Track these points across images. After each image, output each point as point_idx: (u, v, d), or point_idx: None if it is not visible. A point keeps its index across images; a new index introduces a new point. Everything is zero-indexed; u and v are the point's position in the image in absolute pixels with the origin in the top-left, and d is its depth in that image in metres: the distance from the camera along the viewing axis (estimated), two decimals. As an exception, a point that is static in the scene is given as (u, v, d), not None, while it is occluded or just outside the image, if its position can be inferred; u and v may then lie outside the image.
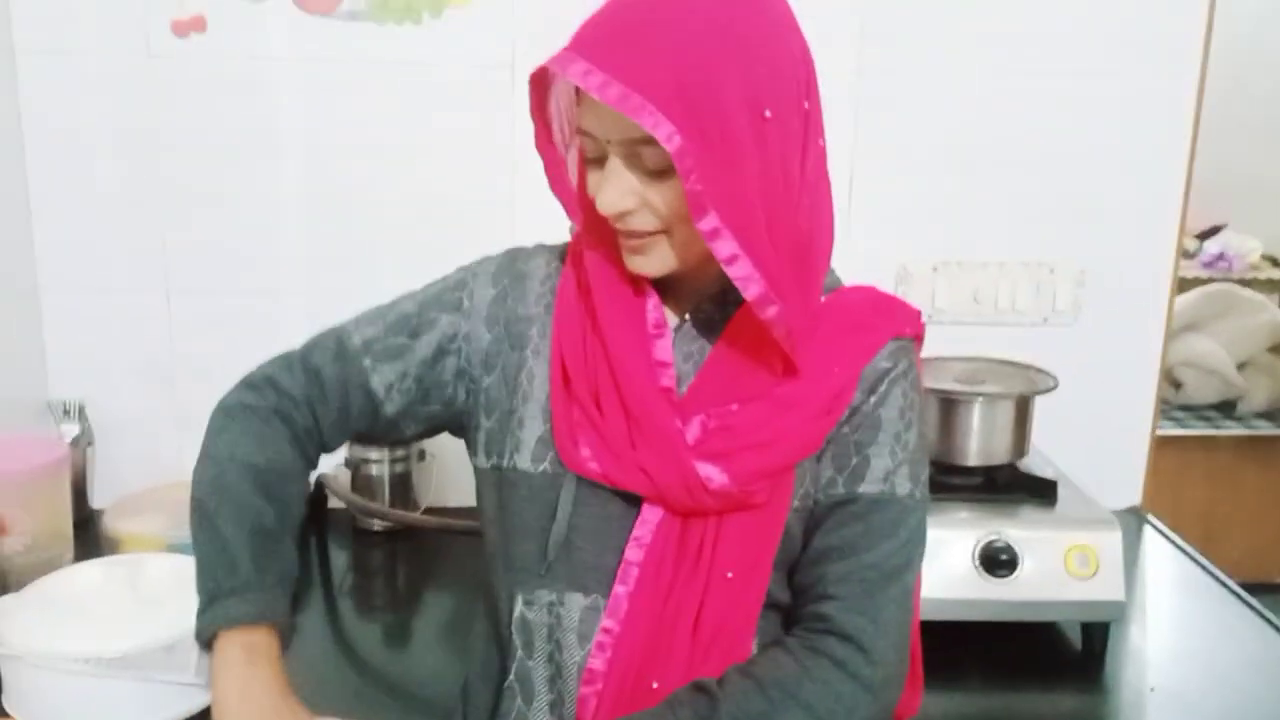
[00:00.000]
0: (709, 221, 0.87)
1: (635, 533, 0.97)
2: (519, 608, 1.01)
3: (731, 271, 0.89)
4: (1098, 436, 1.84)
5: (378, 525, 1.77)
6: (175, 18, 1.68)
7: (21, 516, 1.45)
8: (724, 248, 0.88)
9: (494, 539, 1.05)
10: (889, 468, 0.98)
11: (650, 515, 0.97)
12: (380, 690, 1.38)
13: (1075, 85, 1.77)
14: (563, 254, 1.08)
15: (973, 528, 1.42)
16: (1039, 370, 1.59)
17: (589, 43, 0.88)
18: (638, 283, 0.99)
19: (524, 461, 1.01)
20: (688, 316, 1.01)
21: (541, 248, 1.10)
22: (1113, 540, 1.39)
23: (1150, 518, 1.88)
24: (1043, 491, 1.50)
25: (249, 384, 1.07)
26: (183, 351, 1.81)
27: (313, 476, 1.17)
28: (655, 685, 0.96)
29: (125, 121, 1.72)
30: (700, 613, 0.96)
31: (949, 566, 1.40)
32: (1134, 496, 1.92)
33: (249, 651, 0.95)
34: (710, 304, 1.00)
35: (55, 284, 1.77)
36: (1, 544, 1.44)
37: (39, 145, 1.72)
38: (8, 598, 1.27)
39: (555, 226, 1.11)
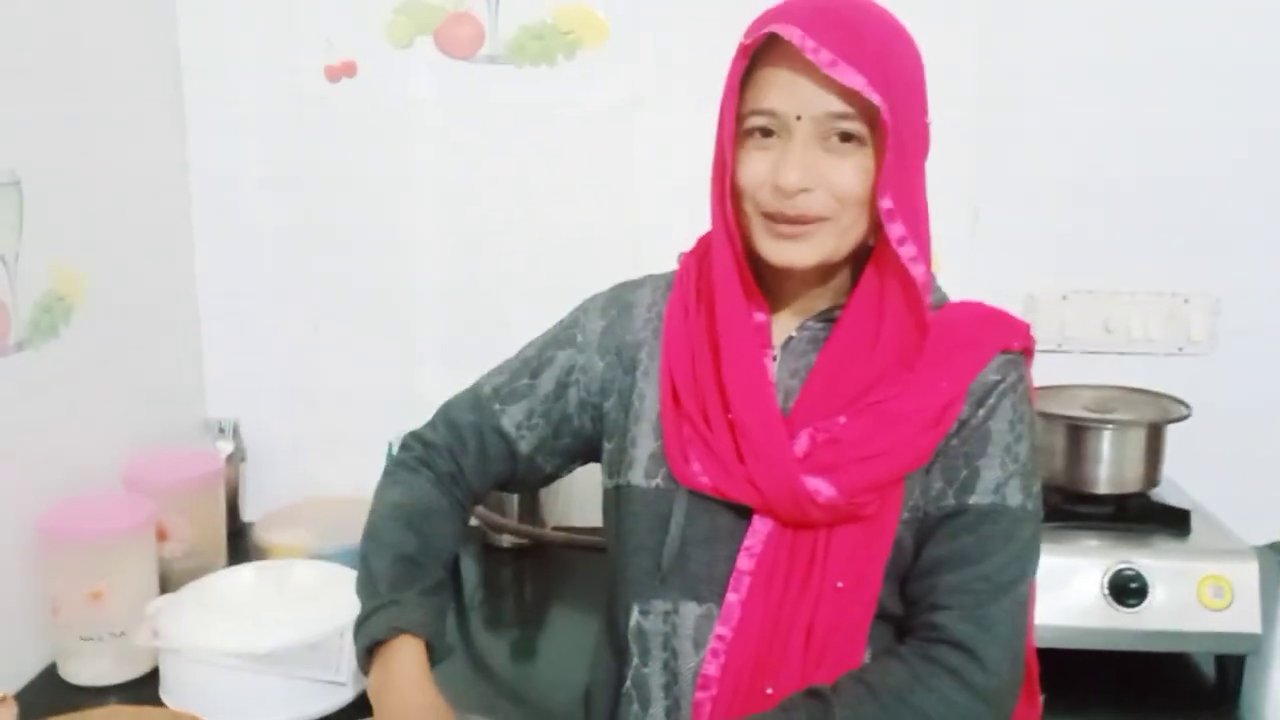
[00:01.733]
0: (887, 202, 0.94)
1: (746, 543, 1.00)
2: (635, 617, 1.05)
3: (903, 251, 0.95)
4: (1235, 470, 1.78)
5: (507, 542, 1.83)
6: (327, 63, 1.80)
7: (180, 524, 1.56)
8: (896, 229, 0.94)
9: (614, 553, 1.10)
10: (999, 479, 0.99)
11: (761, 526, 1.00)
12: (507, 699, 1.42)
13: (1207, 111, 1.74)
14: (669, 281, 1.13)
15: (1102, 556, 1.39)
16: (1171, 399, 1.56)
17: (808, 18, 0.93)
18: (751, 300, 1.03)
19: (638, 478, 1.05)
20: (794, 334, 1.04)
21: (648, 278, 1.16)
22: (1249, 571, 1.36)
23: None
24: (1175, 521, 1.46)
25: (403, 444, 1.18)
26: (325, 377, 1.91)
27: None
28: (769, 691, 0.98)
29: (280, 161, 1.84)
30: (812, 621, 0.98)
31: (1078, 595, 1.38)
32: (1275, 533, 1.84)
33: (390, 658, 1.01)
34: (816, 321, 1.04)
35: (214, 313, 1.90)
36: (162, 549, 1.54)
37: (202, 185, 1.85)
38: (166, 597, 1.36)
39: (673, 257, 1.15)
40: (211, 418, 1.90)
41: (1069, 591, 1.37)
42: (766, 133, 0.97)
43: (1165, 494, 1.55)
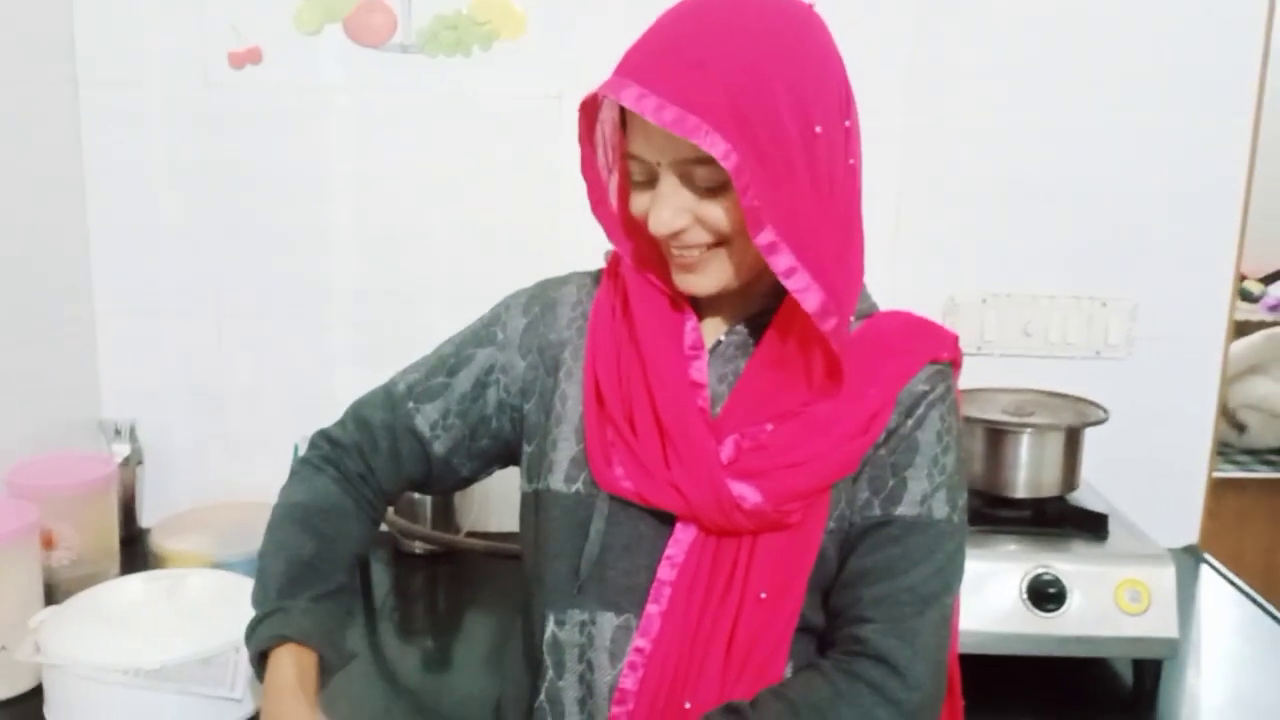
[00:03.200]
0: (766, 236, 0.88)
1: (668, 551, 0.96)
2: (551, 627, 1.01)
3: (790, 284, 0.90)
4: (1152, 475, 1.80)
5: (419, 548, 1.77)
6: (232, 49, 1.72)
7: (69, 532, 1.48)
8: (781, 261, 0.89)
9: (530, 561, 1.06)
10: (926, 491, 0.97)
11: (683, 534, 0.96)
12: (417, 712, 1.37)
13: (1129, 118, 1.75)
14: (596, 278, 1.09)
15: (1021, 560, 1.39)
16: (1089, 403, 1.57)
17: (640, 66, 0.90)
18: (677, 304, 1.01)
19: (557, 482, 1.02)
20: (722, 338, 1.01)
21: (573, 275, 1.12)
22: (1166, 576, 1.36)
23: (1208, 557, 1.82)
24: (1093, 525, 1.46)
25: (310, 443, 1.13)
26: (231, 377, 1.83)
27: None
28: (688, 705, 0.95)
29: (182, 151, 1.76)
30: (733, 633, 0.95)
31: (996, 599, 1.37)
32: (1191, 536, 1.86)
33: (273, 669, 0.98)
34: (746, 325, 1.01)
35: (110, 308, 1.81)
36: (49, 558, 1.46)
37: (98, 174, 1.77)
38: (51, 609, 1.28)
39: (599, 254, 1.12)
40: (106, 419, 1.81)
41: (988, 596, 1.37)
42: (643, 174, 0.95)
43: (1083, 498, 1.55)
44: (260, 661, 1.00)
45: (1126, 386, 1.80)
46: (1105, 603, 1.35)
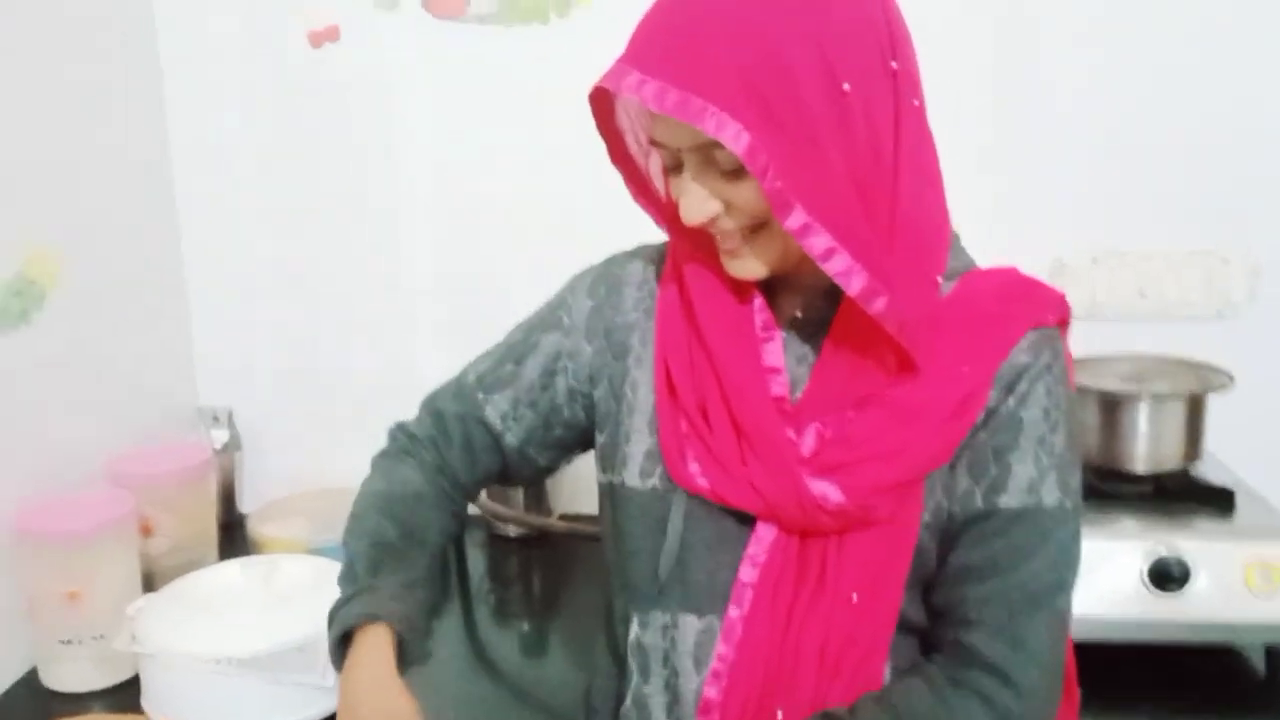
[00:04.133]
0: (796, 218, 0.80)
1: (749, 551, 0.91)
2: (634, 630, 0.97)
3: (829, 267, 0.82)
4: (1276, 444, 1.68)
5: (513, 531, 1.75)
6: (311, 29, 1.70)
7: (166, 519, 1.49)
8: (818, 243, 0.81)
9: (611, 557, 1.01)
10: (1033, 476, 0.88)
11: (765, 533, 0.90)
12: (511, 696, 1.35)
13: (1247, 59, 1.62)
14: (663, 253, 1.03)
15: (1140, 539, 1.30)
16: (1212, 368, 1.46)
17: (640, 49, 0.83)
18: (742, 285, 0.93)
19: (632, 477, 0.96)
20: (799, 315, 0.94)
21: (641, 249, 1.06)
22: (1300, 553, 1.26)
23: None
24: (1219, 500, 1.37)
25: (389, 435, 1.10)
26: (323, 360, 1.83)
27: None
28: (780, 714, 0.90)
29: (264, 132, 1.76)
30: (825, 637, 0.89)
31: (1114, 582, 1.28)
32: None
33: (358, 649, 0.94)
34: (823, 299, 0.92)
35: (202, 293, 1.82)
36: (147, 545, 1.47)
37: (184, 156, 1.77)
38: (147, 597, 1.29)
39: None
40: (204, 405, 1.83)
41: (1104, 578, 1.28)
42: (670, 159, 0.88)
43: (1207, 471, 1.45)
44: (342, 643, 0.95)
45: (1251, 348, 1.67)
46: (1233, 583, 1.25)
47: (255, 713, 1.19)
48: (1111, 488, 1.41)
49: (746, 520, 0.91)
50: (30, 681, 1.33)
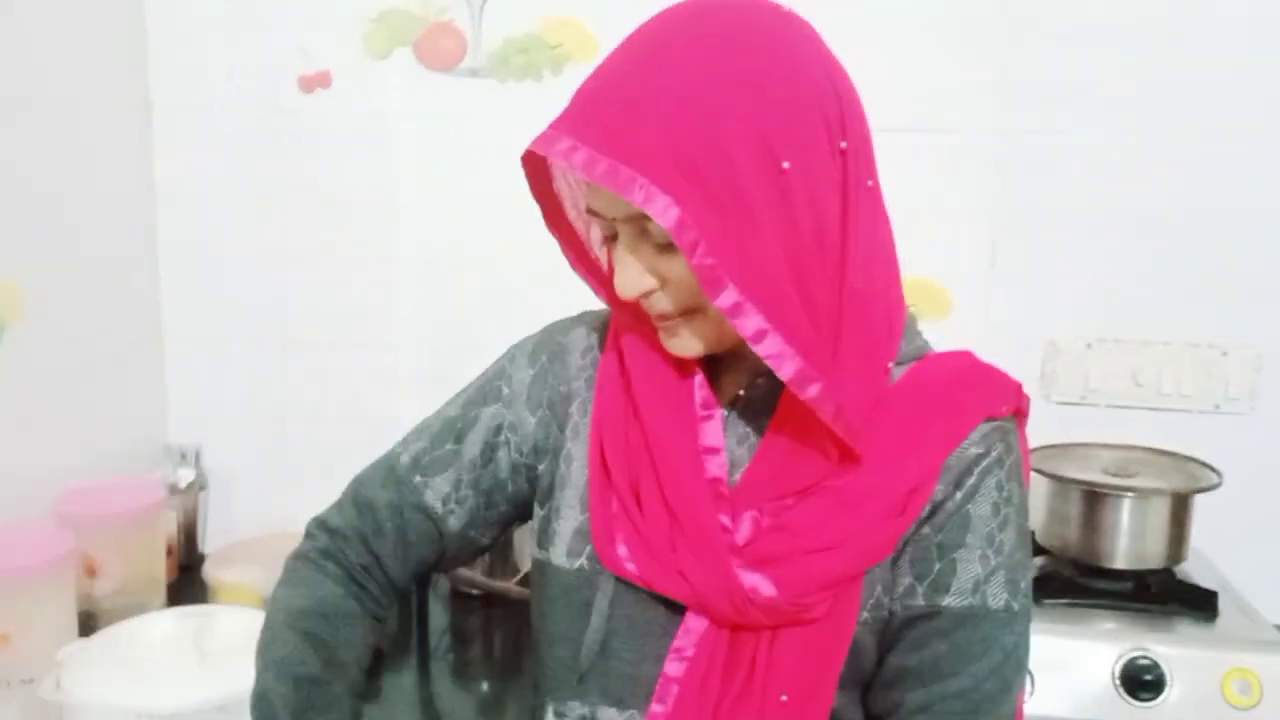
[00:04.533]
0: (727, 297, 0.76)
1: (676, 643, 0.85)
2: (550, 718, 0.91)
3: (760, 349, 0.77)
4: (1272, 544, 1.62)
5: (476, 590, 1.70)
6: (302, 73, 1.70)
7: (113, 560, 1.45)
8: (749, 324, 0.76)
9: (535, 638, 0.96)
10: (979, 575, 0.83)
11: (694, 625, 0.85)
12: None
13: (1254, 143, 1.59)
14: (607, 320, 0.98)
15: (1116, 641, 1.25)
16: (1201, 464, 1.41)
17: (575, 114, 0.79)
18: (682, 360, 0.88)
19: (559, 556, 0.91)
20: (742, 393, 0.89)
21: (584, 315, 1.01)
22: (1281, 665, 1.20)
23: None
24: (1201, 603, 1.31)
25: (307, 533, 1.01)
26: (295, 405, 1.80)
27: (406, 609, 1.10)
28: None
29: (251, 175, 1.74)
30: None
31: (1085, 683, 1.24)
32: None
33: None
34: (767, 378, 0.86)
35: (178, 332, 1.80)
36: (92, 586, 1.44)
37: (169, 197, 1.76)
38: (78, 644, 1.25)
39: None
40: (173, 443, 1.80)
41: (1076, 679, 1.24)
42: (607, 229, 0.84)
43: (1192, 571, 1.40)
44: None
45: (1248, 445, 1.62)
46: (1210, 694, 1.20)
47: (174, 772, 1.14)
48: (1091, 584, 1.36)
49: (676, 609, 0.86)
50: (-43, 724, 1.29)
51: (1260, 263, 1.62)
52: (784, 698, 0.82)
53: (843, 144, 0.79)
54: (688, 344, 0.85)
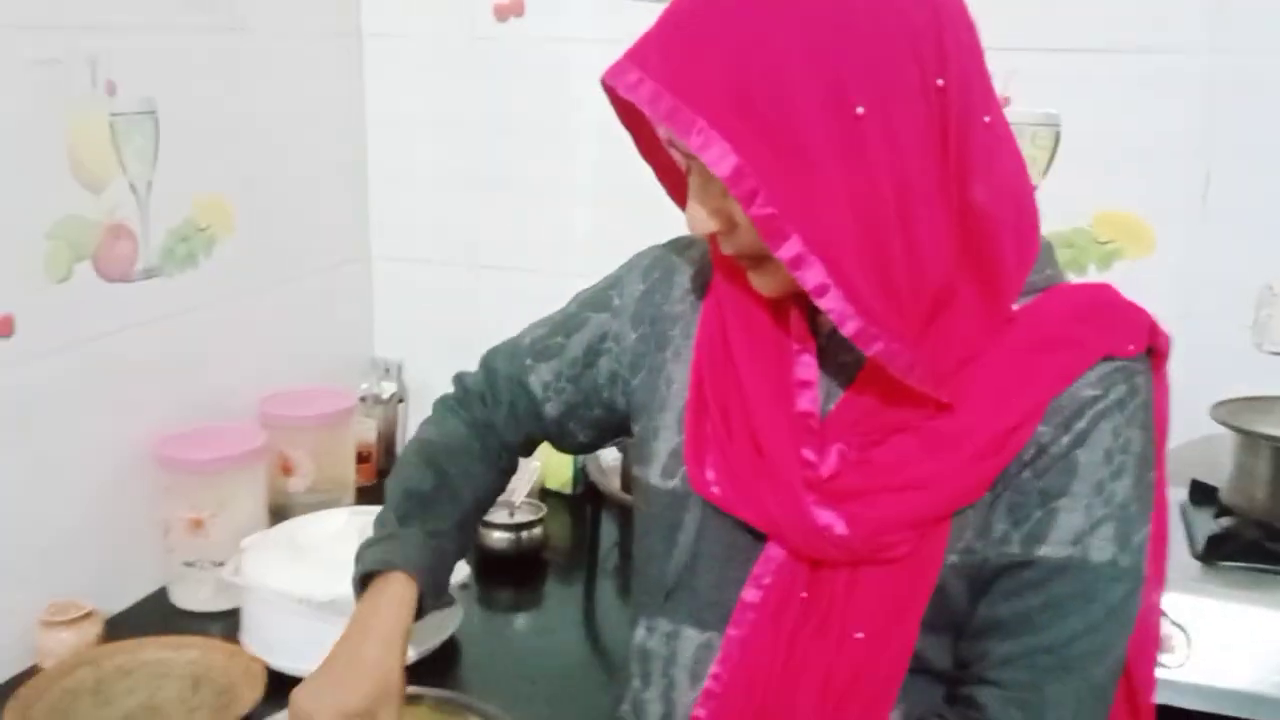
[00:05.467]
0: (790, 248, 0.72)
1: (756, 571, 0.85)
2: (640, 633, 0.93)
3: (823, 304, 0.74)
4: None
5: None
6: (497, 1, 1.74)
7: (305, 460, 1.57)
8: (810, 277, 0.73)
9: (634, 555, 0.99)
10: (1082, 526, 0.78)
11: (774, 554, 0.84)
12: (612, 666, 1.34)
13: None
14: None
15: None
16: None
17: (648, 45, 0.77)
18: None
19: (654, 475, 0.93)
20: None
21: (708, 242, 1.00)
22: None
23: None
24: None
25: (452, 382, 1.12)
26: (483, 327, 1.86)
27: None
28: None
29: (449, 103, 1.82)
30: (829, 672, 0.82)
31: (1261, 655, 1.13)
32: None
33: (374, 597, 0.96)
34: None
35: (385, 253, 1.92)
36: (287, 483, 1.57)
37: (377, 124, 1.86)
38: (259, 534, 1.36)
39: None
40: (379, 356, 1.92)
41: (1256, 649, 1.14)
42: (684, 160, 0.82)
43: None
44: (363, 584, 0.98)
45: None
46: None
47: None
48: (1276, 547, 1.23)
49: (760, 538, 0.85)
50: (160, 598, 1.44)
51: None
52: (859, 635, 0.81)
53: (939, 81, 0.73)
54: (769, 282, 0.83)
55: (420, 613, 0.98)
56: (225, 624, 1.37)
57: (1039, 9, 1.51)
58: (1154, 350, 0.82)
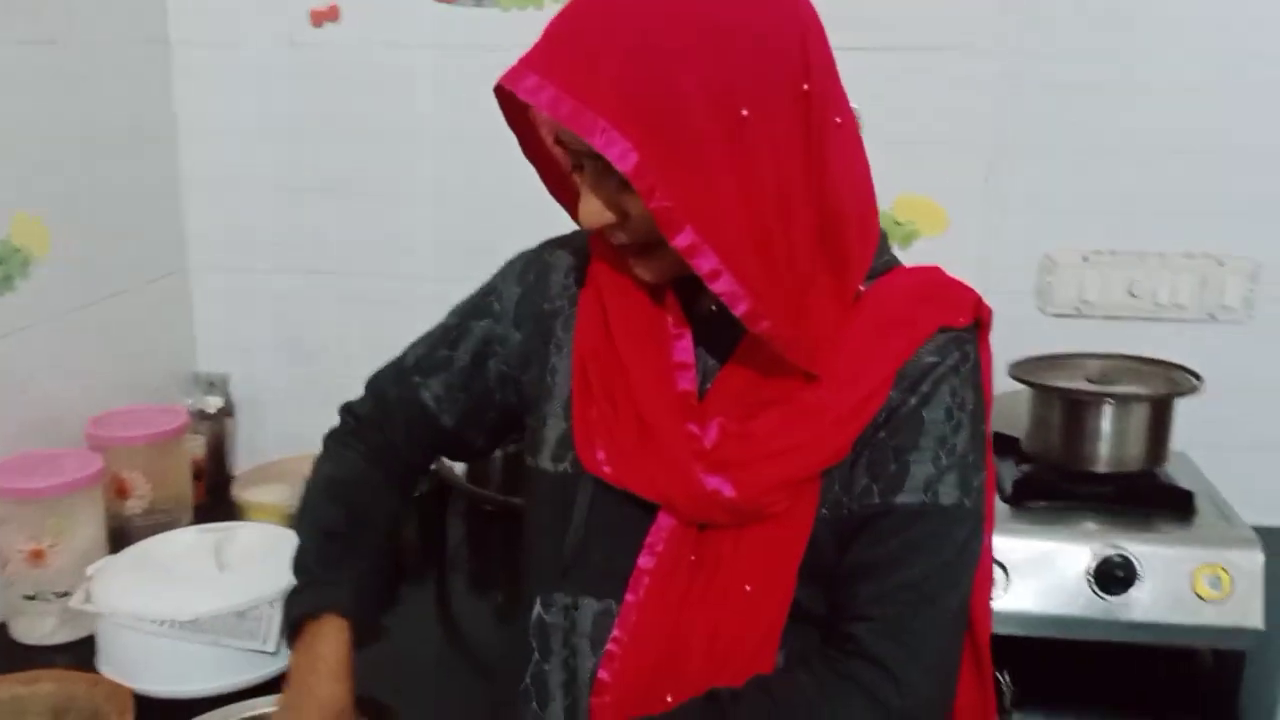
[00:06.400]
0: (684, 238, 0.81)
1: (649, 539, 0.92)
2: (537, 609, 0.98)
3: (715, 287, 0.82)
4: (1264, 449, 1.64)
5: (490, 505, 1.77)
6: (313, 7, 1.74)
7: (141, 481, 1.53)
8: (704, 263, 0.82)
9: (525, 538, 1.04)
10: (931, 475, 0.88)
11: (665, 522, 0.91)
12: (480, 669, 1.37)
13: (1251, 60, 1.59)
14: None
15: (1091, 539, 1.29)
16: (1185, 370, 1.43)
17: (543, 51, 0.83)
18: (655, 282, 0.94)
19: (545, 461, 0.98)
20: (714, 308, 0.93)
21: (576, 234, 1.06)
22: (1252, 560, 1.24)
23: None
24: (1177, 504, 1.35)
25: (339, 415, 1.14)
26: (321, 330, 1.87)
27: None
28: (669, 699, 0.90)
29: (269, 110, 1.80)
30: (716, 627, 0.90)
31: (1061, 581, 1.28)
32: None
33: (311, 640, 0.99)
34: None
35: (205, 264, 1.87)
36: (123, 506, 1.52)
37: (191, 133, 1.82)
38: (107, 559, 1.33)
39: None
40: (201, 371, 1.88)
41: (1051, 577, 1.28)
42: (572, 160, 0.89)
43: (1178, 474, 1.43)
44: (294, 632, 1.00)
45: (1243, 352, 1.65)
46: (1180, 588, 1.24)
47: (198, 675, 1.22)
48: (1074, 488, 1.39)
49: (650, 509, 0.92)
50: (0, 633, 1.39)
51: (1257, 174, 1.62)
52: (748, 588, 0.89)
53: (805, 86, 0.82)
54: (652, 269, 0.91)
55: (357, 643, 1.00)
56: (72, 656, 1.33)
57: (846, 10, 1.63)
58: (980, 321, 0.93)
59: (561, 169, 0.97)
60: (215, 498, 1.74)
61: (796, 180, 0.83)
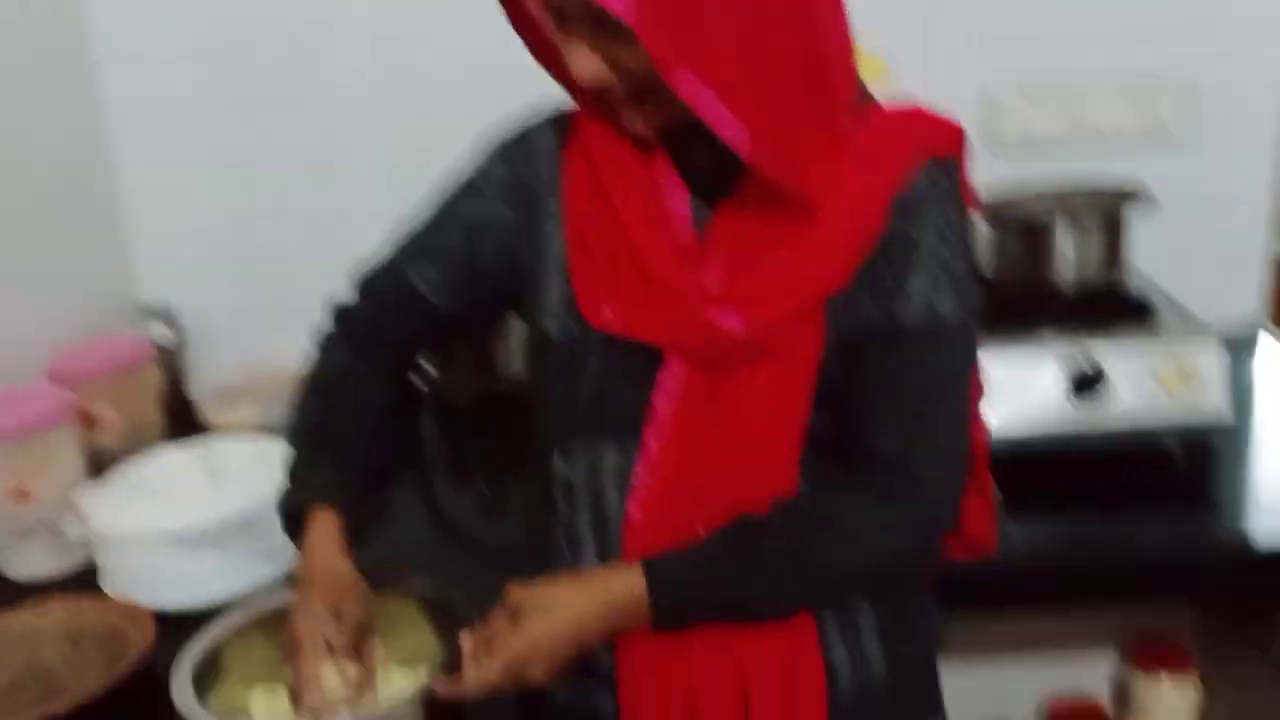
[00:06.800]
0: (682, 79, 0.83)
1: (661, 382, 0.94)
2: (557, 462, 1.00)
3: (717, 128, 0.84)
4: (1211, 260, 1.71)
5: (461, 400, 1.77)
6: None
7: (110, 412, 1.51)
8: (704, 102, 0.83)
9: (538, 403, 1.05)
10: (930, 293, 0.92)
11: (676, 367, 0.94)
12: (473, 556, 1.39)
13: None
14: (571, 115, 1.04)
15: (1059, 350, 1.34)
16: (1134, 188, 1.47)
17: None
18: (645, 139, 0.95)
19: (550, 324, 1.00)
20: (701, 164, 0.95)
21: (553, 114, 1.07)
22: (1212, 353, 1.30)
23: (1270, 328, 1.73)
24: (1138, 311, 1.40)
25: (328, 315, 1.13)
26: (264, 248, 1.83)
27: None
28: (701, 532, 0.94)
29: (188, 21, 1.72)
30: (738, 457, 0.93)
31: (1037, 394, 1.33)
32: (1248, 318, 1.78)
33: (308, 529, 1.01)
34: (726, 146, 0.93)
35: (136, 188, 1.80)
36: (94, 438, 1.50)
37: (111, 53, 1.74)
38: (93, 485, 1.32)
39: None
40: (144, 300, 1.83)
41: (1028, 392, 1.33)
42: (560, 20, 0.89)
43: (1135, 286, 1.48)
44: (294, 531, 1.03)
45: (1183, 172, 1.70)
46: (1149, 385, 1.30)
47: (206, 582, 1.22)
48: (1035, 305, 1.43)
49: (658, 358, 0.95)
50: (-10, 573, 1.37)
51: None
52: (763, 419, 0.92)
53: None
54: (643, 121, 0.91)
55: (356, 529, 1.03)
56: (69, 588, 1.30)
57: None
58: (959, 151, 0.96)
59: (547, 38, 0.96)
60: (182, 424, 1.72)
61: (785, 19, 0.85)
